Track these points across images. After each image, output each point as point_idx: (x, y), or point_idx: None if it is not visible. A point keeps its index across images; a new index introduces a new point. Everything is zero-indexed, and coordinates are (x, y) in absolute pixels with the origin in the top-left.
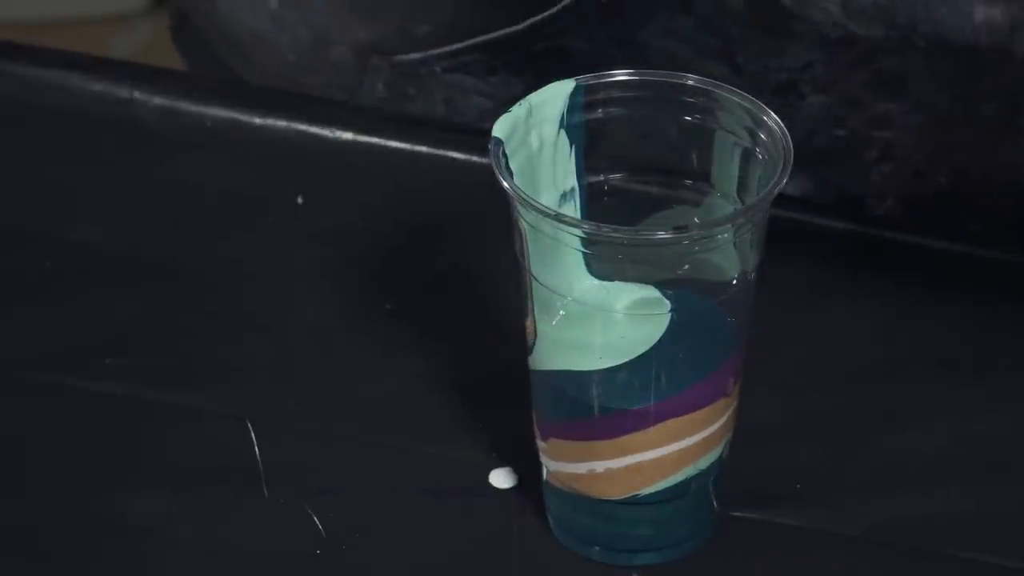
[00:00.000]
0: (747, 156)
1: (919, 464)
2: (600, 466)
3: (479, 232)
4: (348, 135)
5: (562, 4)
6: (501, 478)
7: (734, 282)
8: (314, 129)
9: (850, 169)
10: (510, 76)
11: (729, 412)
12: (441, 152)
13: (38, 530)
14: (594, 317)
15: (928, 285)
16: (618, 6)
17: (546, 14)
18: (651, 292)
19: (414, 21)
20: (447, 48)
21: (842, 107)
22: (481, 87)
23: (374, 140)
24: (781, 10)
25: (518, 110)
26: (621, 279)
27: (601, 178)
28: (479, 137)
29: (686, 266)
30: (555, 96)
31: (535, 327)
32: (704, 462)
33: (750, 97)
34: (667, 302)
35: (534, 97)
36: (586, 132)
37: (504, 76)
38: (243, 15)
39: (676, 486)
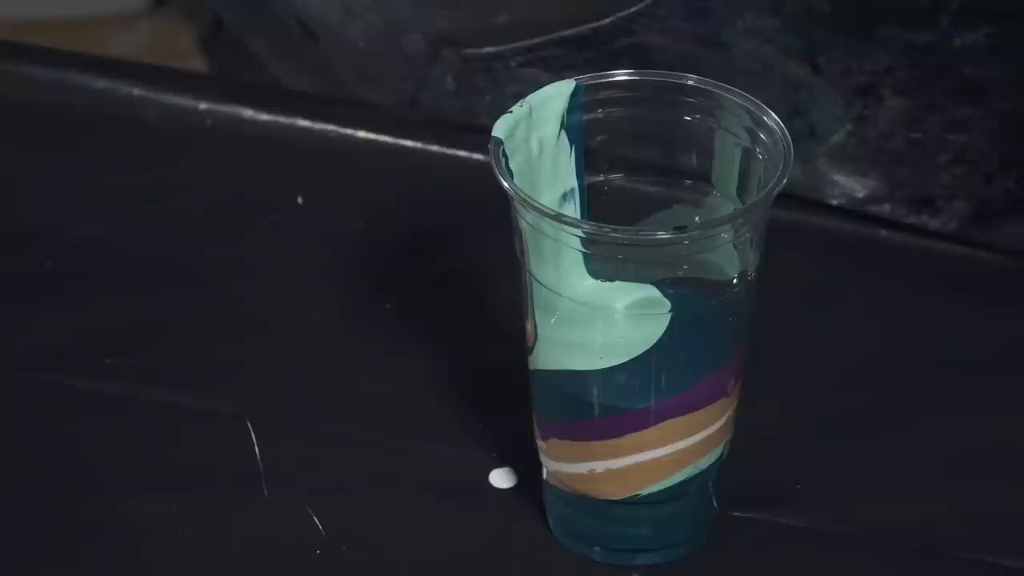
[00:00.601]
0: (747, 156)
1: (919, 464)
2: (600, 466)
3: (479, 232)
4: (348, 134)
5: (648, 0)
6: (501, 478)
7: (734, 281)
8: (314, 129)
9: (922, 171)
10: (588, 72)
11: (729, 412)
12: (442, 152)
13: (38, 530)
14: (594, 317)
15: (928, 285)
16: (704, 5)
17: (632, 10)
18: (651, 292)
19: (494, 11)
20: (524, 43)
21: (921, 111)
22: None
23: (374, 139)
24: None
25: (518, 110)
26: (621, 279)
27: (601, 178)
28: (480, 137)
29: (685, 266)
30: (555, 96)
31: (535, 327)
32: (704, 462)
33: (750, 97)
34: (667, 302)
35: (534, 97)
36: (586, 132)
37: (582, 72)
38: (312, 3)
39: (676, 486)
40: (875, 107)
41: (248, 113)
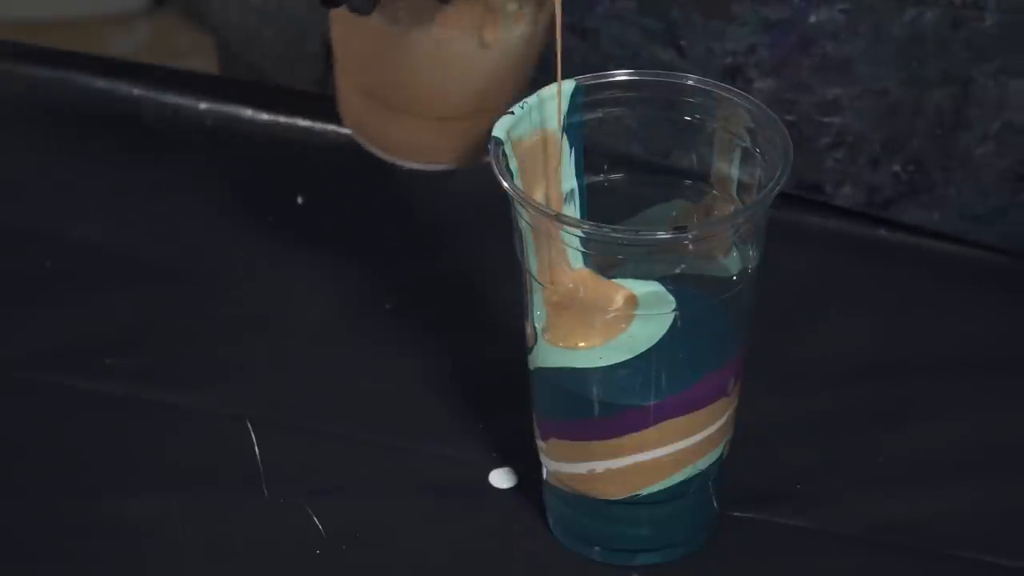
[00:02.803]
0: (747, 156)
1: (919, 464)
2: (600, 466)
3: (479, 232)
4: (348, 135)
5: None
6: (501, 478)
7: (734, 280)
8: (314, 129)
9: (804, 155)
10: None
11: (729, 412)
12: None
13: (38, 530)
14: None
15: (928, 285)
16: None
17: None
18: (655, 287)
19: None
20: None
21: (790, 92)
22: None
23: None
24: None
25: (519, 111)
26: (621, 277)
27: (601, 178)
28: None
29: (683, 265)
30: (555, 96)
31: (535, 327)
32: (704, 462)
33: (750, 97)
34: (669, 302)
35: (534, 98)
36: (586, 132)
37: None
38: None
39: (676, 486)
40: (745, 89)
41: (248, 113)
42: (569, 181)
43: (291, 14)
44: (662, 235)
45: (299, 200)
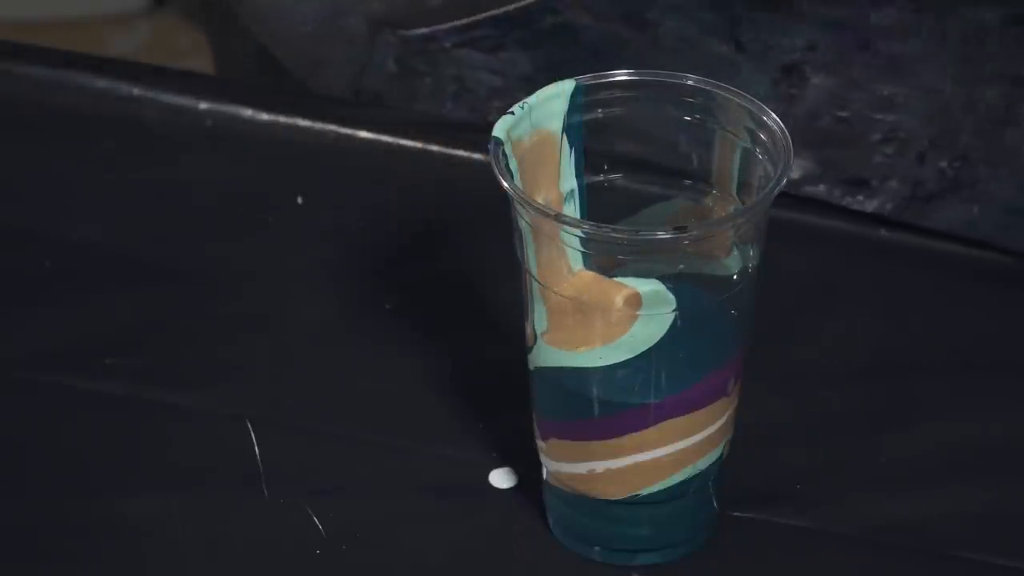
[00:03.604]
0: (747, 156)
1: (919, 464)
2: (600, 466)
3: (479, 232)
4: (349, 134)
5: None
6: (501, 478)
7: (735, 279)
8: (315, 128)
9: (853, 151)
10: (519, 53)
11: (729, 412)
12: (442, 151)
13: (38, 530)
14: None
15: (928, 285)
16: None
17: None
18: (655, 287)
19: None
20: (455, 23)
21: (846, 89)
22: (491, 63)
23: (375, 139)
24: None
25: (519, 110)
26: (621, 276)
27: (601, 178)
28: (480, 136)
29: (682, 266)
30: (555, 96)
31: (535, 327)
32: (704, 462)
33: (750, 97)
34: (670, 301)
35: (534, 98)
36: (586, 132)
37: (513, 52)
38: None
39: (676, 486)
40: (801, 85)
41: (248, 113)
42: (569, 181)
43: None
44: (662, 235)
45: (299, 200)
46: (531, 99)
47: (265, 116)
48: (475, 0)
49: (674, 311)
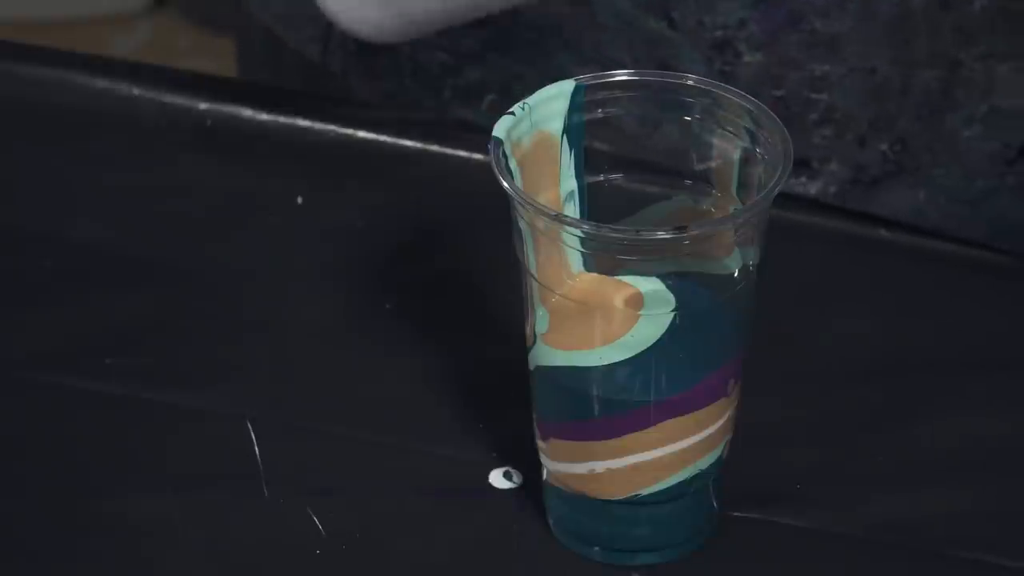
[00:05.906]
0: (747, 156)
1: (919, 464)
2: (600, 466)
3: (479, 232)
4: (348, 134)
5: None
6: (501, 478)
7: (735, 279)
8: (314, 129)
9: (792, 131)
10: (465, 31)
11: (729, 412)
12: (441, 151)
13: (38, 530)
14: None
15: (928, 285)
16: None
17: None
18: (656, 286)
19: None
20: None
21: (779, 67)
22: (441, 42)
23: (374, 139)
24: None
25: (519, 111)
26: (621, 275)
27: (601, 178)
28: (480, 136)
29: (683, 265)
30: (555, 96)
31: (535, 327)
32: (704, 462)
33: (750, 97)
34: (670, 301)
35: (534, 98)
36: (586, 132)
37: (459, 31)
38: None
39: (676, 486)
40: (735, 63)
41: (248, 113)
42: (569, 181)
43: None
44: (662, 235)
45: (299, 200)
46: (531, 99)
47: (265, 116)
48: None
49: (674, 311)
